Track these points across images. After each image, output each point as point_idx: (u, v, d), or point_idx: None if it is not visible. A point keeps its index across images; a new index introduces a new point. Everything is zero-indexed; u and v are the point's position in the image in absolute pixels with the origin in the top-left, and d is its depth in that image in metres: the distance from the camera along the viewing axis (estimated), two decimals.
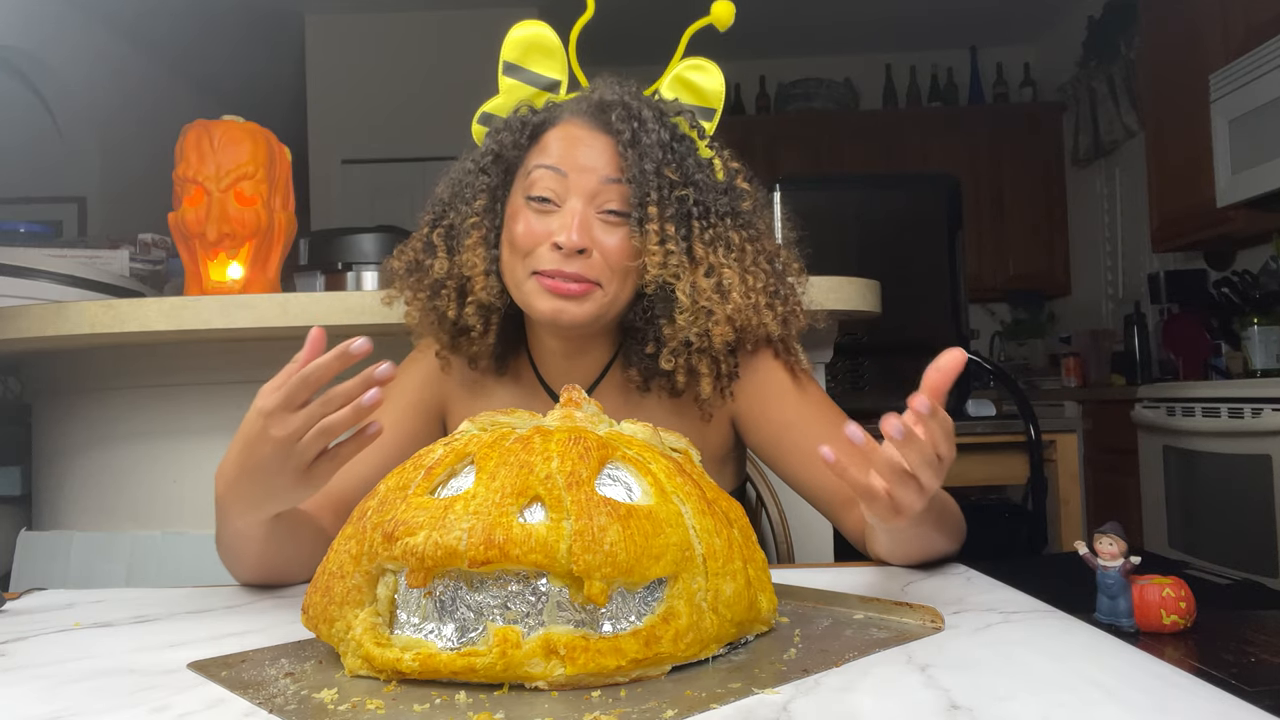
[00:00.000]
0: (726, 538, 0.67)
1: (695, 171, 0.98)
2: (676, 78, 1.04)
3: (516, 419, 0.74)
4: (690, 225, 0.97)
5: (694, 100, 1.04)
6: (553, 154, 0.97)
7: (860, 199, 2.52)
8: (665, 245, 0.95)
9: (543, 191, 0.96)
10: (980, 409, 2.47)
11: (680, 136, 0.99)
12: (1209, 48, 3.42)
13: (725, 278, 0.98)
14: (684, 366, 1.00)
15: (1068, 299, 5.37)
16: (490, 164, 1.00)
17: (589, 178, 0.96)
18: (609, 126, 0.96)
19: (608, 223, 0.96)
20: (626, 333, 1.04)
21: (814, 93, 5.52)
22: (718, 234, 0.99)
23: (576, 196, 0.95)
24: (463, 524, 0.61)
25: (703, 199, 0.98)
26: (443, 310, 1.03)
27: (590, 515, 0.61)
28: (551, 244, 0.94)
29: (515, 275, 0.98)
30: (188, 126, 1.53)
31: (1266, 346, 3.20)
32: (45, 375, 1.68)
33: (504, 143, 0.99)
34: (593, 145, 0.96)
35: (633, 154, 0.95)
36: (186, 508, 1.56)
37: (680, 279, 0.96)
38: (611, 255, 0.96)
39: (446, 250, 1.02)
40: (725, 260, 0.98)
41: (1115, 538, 0.75)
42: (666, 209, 0.96)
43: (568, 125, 0.98)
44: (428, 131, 4.58)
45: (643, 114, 0.97)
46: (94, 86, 4.59)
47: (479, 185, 1.01)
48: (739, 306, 0.97)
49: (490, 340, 1.04)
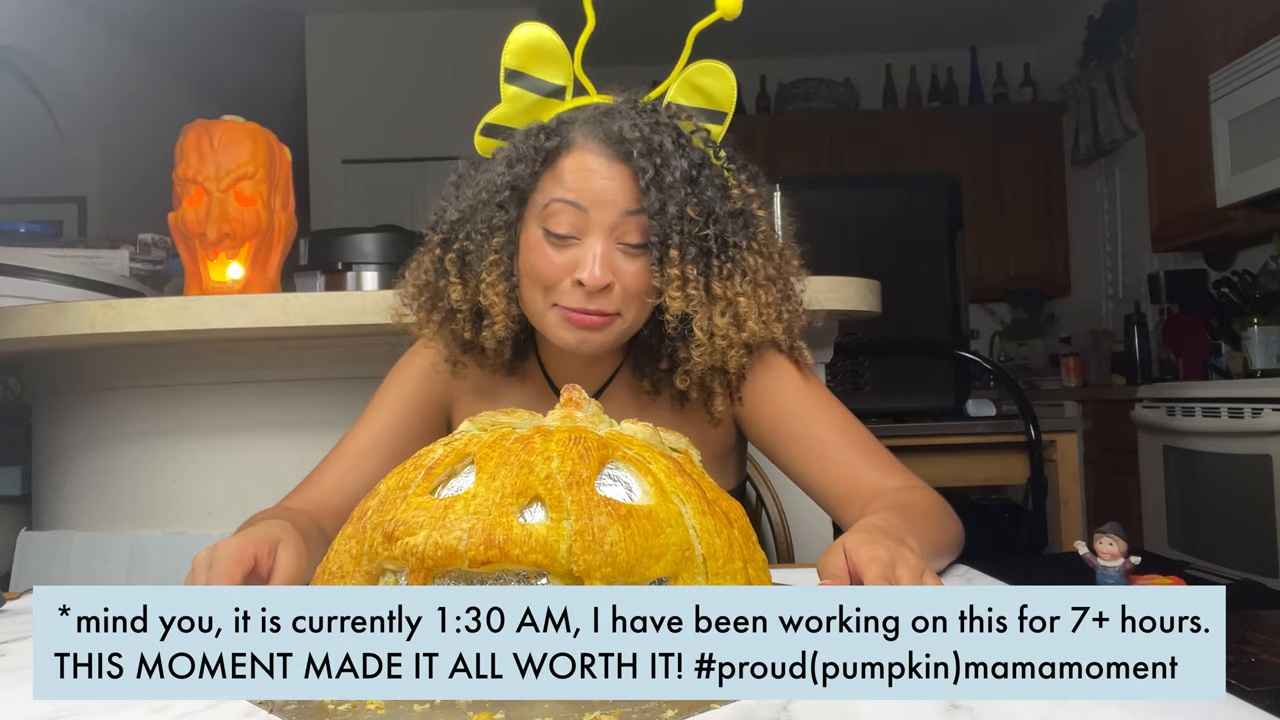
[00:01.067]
0: (726, 538, 0.67)
1: (714, 203, 0.97)
2: (685, 81, 1.02)
3: (517, 419, 0.74)
4: (709, 263, 0.97)
5: (704, 104, 1.02)
6: (570, 186, 0.95)
7: (860, 199, 2.52)
8: (686, 288, 0.95)
9: (563, 229, 0.95)
10: (980, 409, 2.47)
11: (700, 163, 0.97)
12: (1209, 48, 3.42)
13: (741, 307, 0.98)
14: (697, 384, 1.02)
15: (1068, 299, 5.37)
16: (508, 199, 0.98)
17: (609, 212, 0.94)
18: (629, 159, 0.94)
19: (627, 253, 0.96)
20: (638, 343, 1.05)
21: (814, 93, 5.52)
22: (735, 264, 0.98)
23: (597, 232, 0.94)
24: (463, 524, 0.61)
25: (721, 232, 0.97)
26: (459, 333, 1.03)
27: (590, 515, 0.61)
28: (574, 280, 0.94)
29: (535, 305, 0.98)
30: (188, 126, 1.53)
31: (1266, 346, 3.20)
32: (45, 375, 1.68)
33: (520, 175, 0.97)
34: (611, 178, 0.95)
35: (655, 193, 0.93)
36: (186, 508, 1.56)
37: (698, 314, 0.96)
38: (631, 285, 0.96)
39: (460, 277, 1.01)
40: (741, 289, 0.98)
41: (1115, 538, 0.75)
42: (688, 250, 0.95)
43: (584, 154, 0.96)
44: (428, 131, 4.58)
45: (665, 147, 0.94)
46: (94, 87, 4.59)
47: (496, 221, 0.98)
48: (754, 333, 0.98)
49: (506, 355, 1.05)
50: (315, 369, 1.55)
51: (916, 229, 2.47)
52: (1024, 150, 5.31)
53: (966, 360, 2.43)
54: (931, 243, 2.45)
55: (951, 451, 2.32)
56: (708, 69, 1.01)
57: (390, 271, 1.89)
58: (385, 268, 1.90)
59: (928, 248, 2.45)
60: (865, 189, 2.64)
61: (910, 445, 2.28)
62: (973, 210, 4.59)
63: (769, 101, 5.63)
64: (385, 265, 1.91)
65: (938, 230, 2.46)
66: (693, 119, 1.00)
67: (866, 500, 0.98)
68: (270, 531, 0.83)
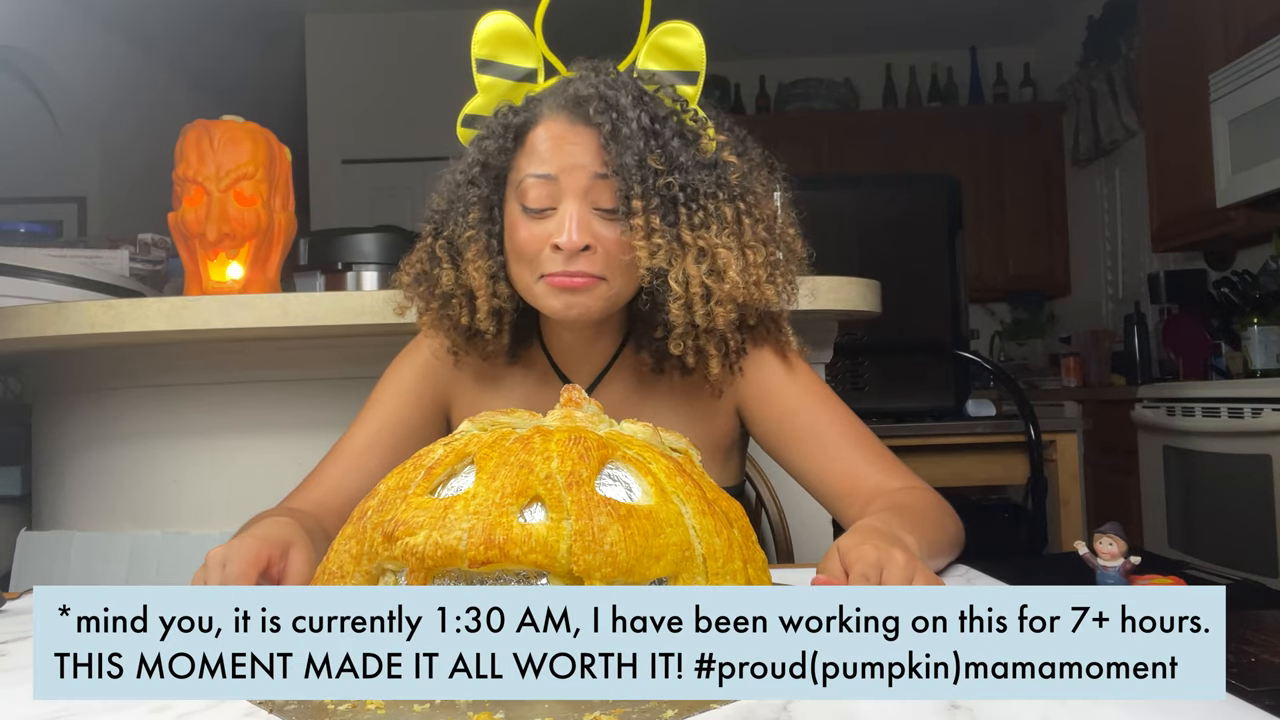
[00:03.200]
0: (726, 538, 0.67)
1: (679, 153, 0.96)
2: (653, 44, 1.01)
3: (516, 419, 0.74)
4: (677, 212, 0.96)
5: (674, 66, 1.01)
6: (541, 158, 0.96)
7: (860, 199, 2.52)
8: (652, 238, 0.94)
9: (538, 203, 0.96)
10: (980, 409, 2.47)
11: (662, 116, 0.97)
12: (1209, 48, 3.42)
13: (720, 258, 0.96)
14: (692, 348, 1.00)
15: (1068, 299, 5.37)
16: (479, 174, 1.00)
17: (579, 175, 0.95)
18: (589, 119, 0.95)
19: (604, 218, 0.96)
20: (636, 318, 1.05)
21: (814, 93, 5.52)
22: (708, 214, 0.97)
23: (570, 197, 0.95)
24: (463, 524, 0.61)
25: (689, 182, 0.96)
26: (456, 318, 1.04)
27: (590, 515, 0.61)
28: (553, 246, 0.95)
29: (524, 281, 0.99)
30: (188, 126, 1.53)
31: (1266, 346, 3.20)
32: (45, 375, 1.68)
33: (489, 150, 0.98)
34: (577, 141, 0.95)
35: (614, 147, 0.94)
36: (186, 508, 1.56)
37: (672, 267, 0.95)
38: (612, 249, 0.96)
39: (450, 261, 1.02)
40: (720, 240, 0.97)
41: (1115, 537, 0.75)
42: (651, 200, 0.94)
43: (550, 123, 0.97)
44: (428, 131, 4.55)
45: (620, 102, 0.95)
46: (94, 86, 4.59)
47: (470, 197, 1.00)
48: (737, 284, 0.97)
49: (505, 340, 1.05)
50: (315, 369, 1.55)
51: (916, 229, 2.47)
52: (1024, 150, 5.31)
53: (966, 360, 2.43)
54: (931, 243, 2.45)
55: (951, 451, 2.32)
56: (672, 29, 1.00)
57: (390, 271, 1.89)
58: (385, 268, 1.90)
59: (928, 248, 2.45)
60: (865, 189, 2.64)
61: (910, 445, 2.28)
62: (973, 210, 4.60)
63: (769, 101, 5.63)
64: (385, 265, 1.91)
65: (938, 230, 2.46)
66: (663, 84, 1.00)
67: (867, 500, 0.98)
68: (283, 533, 0.83)
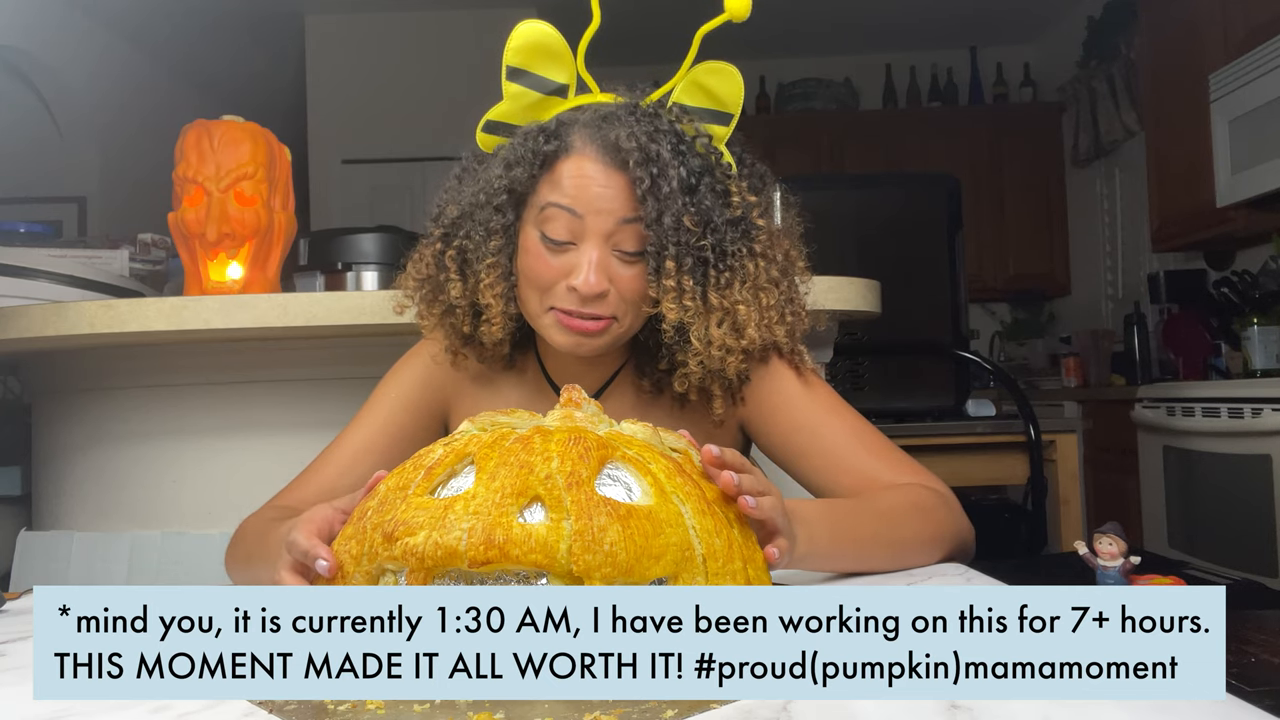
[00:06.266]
0: (726, 538, 0.67)
1: (712, 212, 0.96)
2: (691, 81, 1.00)
3: (516, 419, 0.74)
4: (706, 274, 0.96)
5: (710, 105, 1.01)
6: (567, 191, 0.94)
7: (860, 199, 2.52)
8: (683, 299, 0.95)
9: (559, 234, 0.95)
10: (980, 409, 2.47)
11: (699, 170, 0.96)
12: (1209, 48, 3.42)
13: (740, 316, 0.97)
14: (696, 388, 1.01)
15: (1068, 299, 5.37)
16: (505, 202, 0.98)
17: (605, 220, 0.94)
18: (626, 168, 0.93)
19: (623, 260, 0.95)
20: (638, 344, 1.05)
21: (814, 93, 5.52)
22: (734, 273, 0.97)
23: (592, 239, 0.94)
24: (463, 524, 0.61)
25: (719, 242, 0.96)
26: (458, 327, 1.04)
27: (590, 515, 0.61)
28: (569, 286, 0.94)
29: (532, 307, 0.98)
30: (187, 126, 1.53)
31: (1266, 346, 3.19)
32: (45, 375, 1.68)
33: (518, 179, 0.97)
34: (609, 185, 0.94)
35: (652, 202, 0.93)
36: (186, 508, 1.56)
37: (694, 324, 0.96)
38: (627, 290, 0.95)
39: (459, 274, 1.01)
40: (740, 296, 0.97)
41: (1115, 538, 0.75)
42: (685, 262, 0.94)
43: (582, 159, 0.95)
44: (428, 131, 4.58)
45: (661, 156, 0.93)
46: (94, 86, 4.59)
47: (494, 225, 0.98)
48: (754, 340, 0.98)
49: (505, 349, 1.06)
50: (315, 369, 1.55)
51: (916, 229, 2.47)
52: (1024, 150, 5.31)
53: (966, 360, 2.42)
54: (931, 243, 2.45)
55: (951, 451, 2.31)
56: (715, 70, 1.00)
57: (390, 272, 1.89)
58: (385, 268, 1.90)
59: (928, 248, 2.45)
60: (865, 189, 2.64)
61: (910, 445, 2.26)
62: (973, 210, 4.59)
63: (769, 101, 5.63)
64: (385, 265, 1.91)
65: (937, 230, 2.46)
66: (696, 121, 0.99)
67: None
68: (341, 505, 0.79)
